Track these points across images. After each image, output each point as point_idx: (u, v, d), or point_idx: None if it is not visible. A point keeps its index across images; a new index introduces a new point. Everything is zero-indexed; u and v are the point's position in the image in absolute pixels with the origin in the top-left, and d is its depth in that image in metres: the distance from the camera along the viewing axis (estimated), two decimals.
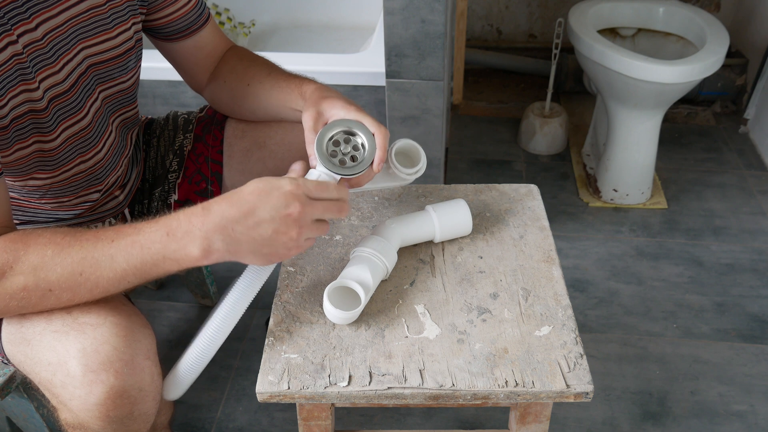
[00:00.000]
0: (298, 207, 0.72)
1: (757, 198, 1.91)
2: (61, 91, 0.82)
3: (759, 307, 1.56)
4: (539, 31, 2.54)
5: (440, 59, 1.32)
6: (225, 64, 1.03)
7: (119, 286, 0.75)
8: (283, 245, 0.74)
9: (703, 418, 1.33)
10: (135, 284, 0.76)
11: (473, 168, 2.06)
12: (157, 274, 0.74)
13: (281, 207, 0.72)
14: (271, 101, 0.97)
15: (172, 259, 0.73)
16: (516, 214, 0.98)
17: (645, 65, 1.57)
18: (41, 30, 0.78)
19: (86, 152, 0.90)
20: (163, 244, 0.72)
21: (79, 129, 0.87)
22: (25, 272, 0.72)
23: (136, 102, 0.99)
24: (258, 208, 0.72)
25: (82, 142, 0.89)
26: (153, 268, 0.73)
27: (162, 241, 0.72)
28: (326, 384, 0.75)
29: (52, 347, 0.76)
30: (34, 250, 0.72)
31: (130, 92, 0.96)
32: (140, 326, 0.80)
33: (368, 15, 2.20)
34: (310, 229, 0.75)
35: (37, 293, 0.73)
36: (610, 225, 1.82)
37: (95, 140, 0.91)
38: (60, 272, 0.72)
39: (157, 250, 0.72)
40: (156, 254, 0.72)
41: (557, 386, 0.75)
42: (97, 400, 0.75)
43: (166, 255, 0.72)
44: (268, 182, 0.74)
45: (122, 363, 0.75)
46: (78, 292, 0.74)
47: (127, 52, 0.91)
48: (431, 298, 0.85)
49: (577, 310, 1.54)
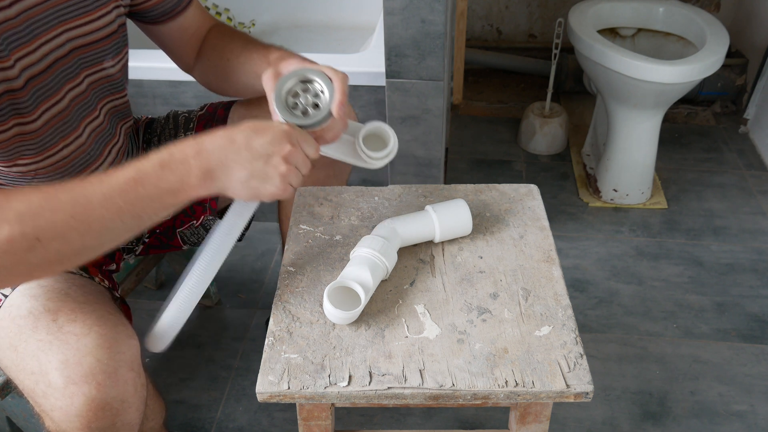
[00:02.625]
0: (290, 147, 0.73)
1: (757, 198, 1.91)
2: (36, 72, 0.80)
3: (759, 307, 1.56)
4: (539, 31, 2.54)
5: (440, 59, 1.32)
6: (207, 42, 1.04)
7: (113, 228, 0.70)
8: (271, 181, 0.74)
9: (703, 418, 1.33)
10: (130, 229, 0.72)
11: (473, 168, 2.06)
12: (153, 210, 0.71)
13: (277, 143, 0.73)
14: (248, 74, 0.97)
15: (169, 191, 0.71)
16: (516, 214, 0.98)
17: (645, 65, 1.57)
18: (16, 8, 0.76)
19: (67, 135, 0.88)
20: (158, 176, 0.70)
21: (57, 111, 0.85)
22: (9, 220, 0.66)
23: (125, 91, 0.99)
24: (254, 141, 0.72)
25: (62, 125, 0.87)
26: (149, 203, 0.71)
27: (156, 173, 0.70)
28: (326, 384, 0.75)
29: (36, 356, 0.76)
30: (18, 198, 0.68)
31: (116, 79, 0.95)
32: (125, 337, 0.80)
33: (368, 15, 2.20)
34: (294, 173, 0.75)
35: (24, 244, 0.67)
36: (610, 225, 1.82)
37: (75, 123, 0.89)
38: (48, 217, 0.67)
39: (152, 182, 0.70)
40: (152, 187, 0.70)
41: (557, 386, 0.75)
42: (78, 412, 0.75)
43: (162, 186, 0.70)
44: (263, 122, 0.75)
45: (105, 375, 0.75)
46: (69, 239, 0.68)
47: (110, 36, 0.90)
48: (431, 298, 0.85)
49: (577, 310, 1.54)
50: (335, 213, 0.99)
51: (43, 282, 0.83)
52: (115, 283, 0.99)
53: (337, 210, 1.00)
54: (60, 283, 0.83)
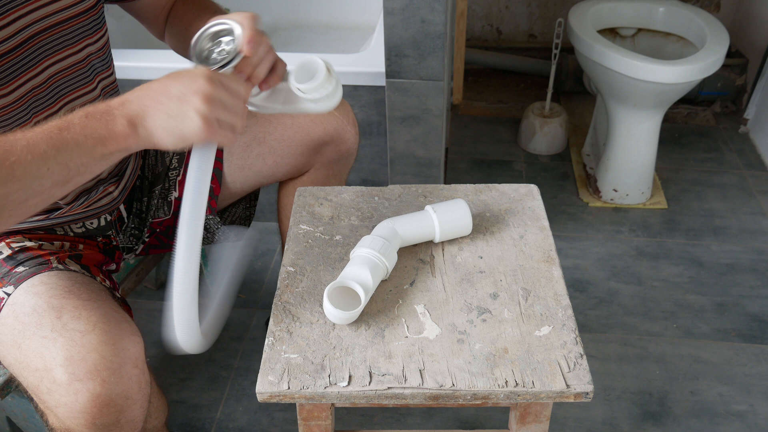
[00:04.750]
0: (207, 84, 0.72)
1: (757, 198, 1.91)
2: (10, 47, 0.80)
3: (759, 307, 1.56)
4: (539, 31, 2.54)
5: (440, 59, 1.32)
6: (172, 11, 1.05)
7: (38, 176, 0.68)
8: (190, 118, 0.72)
9: (703, 418, 1.32)
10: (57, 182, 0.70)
11: (473, 168, 2.06)
12: (80, 160, 0.70)
13: (191, 82, 0.72)
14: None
15: (94, 138, 0.70)
16: (516, 214, 0.98)
17: (645, 65, 1.57)
18: None
19: (40, 112, 0.87)
20: (83, 124, 0.70)
21: (32, 87, 0.84)
22: None
23: (111, 69, 0.99)
24: (170, 85, 0.72)
25: (36, 101, 0.86)
26: (76, 150, 0.69)
27: (81, 122, 0.70)
28: (326, 384, 0.75)
29: (40, 353, 0.76)
30: None
31: (103, 54, 0.95)
32: (129, 334, 0.80)
33: (368, 15, 2.20)
34: (221, 111, 0.73)
35: None
36: (610, 225, 1.82)
37: (52, 101, 0.88)
38: None
39: (77, 130, 0.69)
40: (77, 134, 0.69)
41: (557, 386, 0.75)
42: (82, 408, 0.75)
43: (87, 134, 0.70)
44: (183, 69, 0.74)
45: (109, 372, 0.75)
46: None
47: (89, 11, 0.90)
48: (431, 298, 0.85)
49: (577, 310, 1.54)
50: (335, 213, 0.99)
51: (47, 280, 0.83)
52: (116, 283, 1.00)
53: (337, 210, 1.00)
54: (63, 281, 0.84)
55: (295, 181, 1.20)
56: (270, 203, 1.76)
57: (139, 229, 1.10)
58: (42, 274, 0.84)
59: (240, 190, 1.17)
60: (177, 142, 0.73)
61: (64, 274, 0.85)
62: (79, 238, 1.00)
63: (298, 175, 1.20)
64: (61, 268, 0.86)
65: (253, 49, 0.78)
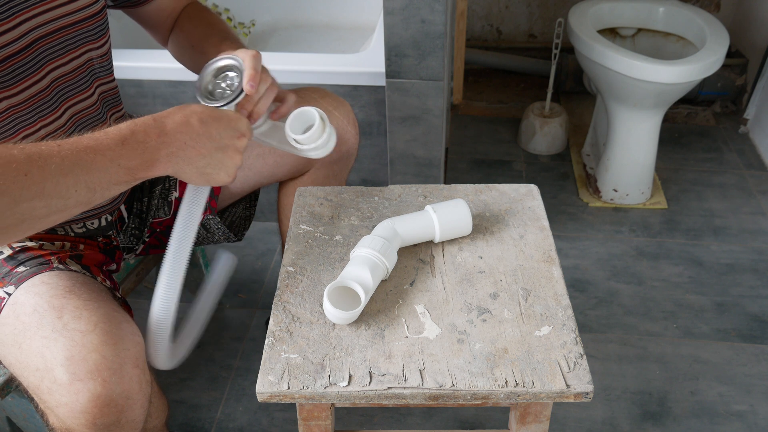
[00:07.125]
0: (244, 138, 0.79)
1: (757, 198, 1.91)
2: (15, 50, 0.80)
3: (759, 307, 1.56)
4: (539, 31, 2.54)
5: (440, 59, 1.32)
6: (178, 23, 1.06)
7: (65, 196, 0.68)
8: (226, 170, 0.78)
9: (703, 418, 1.33)
10: (79, 202, 0.70)
11: (473, 168, 2.06)
12: (108, 183, 0.71)
13: (233, 131, 0.78)
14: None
15: (126, 167, 0.71)
16: (516, 214, 0.98)
17: (645, 65, 1.57)
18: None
19: (45, 116, 0.88)
20: (117, 151, 0.71)
21: (36, 91, 0.85)
22: None
23: (112, 75, 0.99)
24: (212, 126, 0.76)
25: (40, 105, 0.86)
26: (104, 175, 0.70)
27: (116, 148, 0.71)
28: (326, 384, 0.75)
29: (41, 353, 0.76)
30: None
31: (105, 60, 0.95)
32: (130, 334, 0.80)
33: (368, 15, 2.20)
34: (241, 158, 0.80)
35: None
36: (610, 225, 1.82)
37: (55, 105, 0.88)
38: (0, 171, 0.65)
39: (110, 156, 0.70)
40: (108, 160, 0.70)
41: (557, 386, 0.75)
42: (83, 408, 0.75)
43: (120, 162, 0.71)
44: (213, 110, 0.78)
45: (110, 372, 0.75)
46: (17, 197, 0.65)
47: (95, 16, 0.90)
48: (431, 298, 0.85)
49: (577, 310, 1.54)
50: (335, 213, 0.99)
51: (48, 279, 0.83)
52: (116, 283, 1.00)
53: (337, 210, 1.00)
54: (64, 281, 0.84)
55: (295, 181, 1.20)
56: (270, 203, 1.76)
57: (140, 229, 1.10)
58: (43, 273, 0.84)
59: (240, 190, 1.17)
60: (202, 183, 0.79)
61: (64, 274, 0.85)
62: (79, 238, 1.00)
63: (298, 175, 1.20)
64: (61, 268, 0.86)
65: (254, 87, 0.82)
